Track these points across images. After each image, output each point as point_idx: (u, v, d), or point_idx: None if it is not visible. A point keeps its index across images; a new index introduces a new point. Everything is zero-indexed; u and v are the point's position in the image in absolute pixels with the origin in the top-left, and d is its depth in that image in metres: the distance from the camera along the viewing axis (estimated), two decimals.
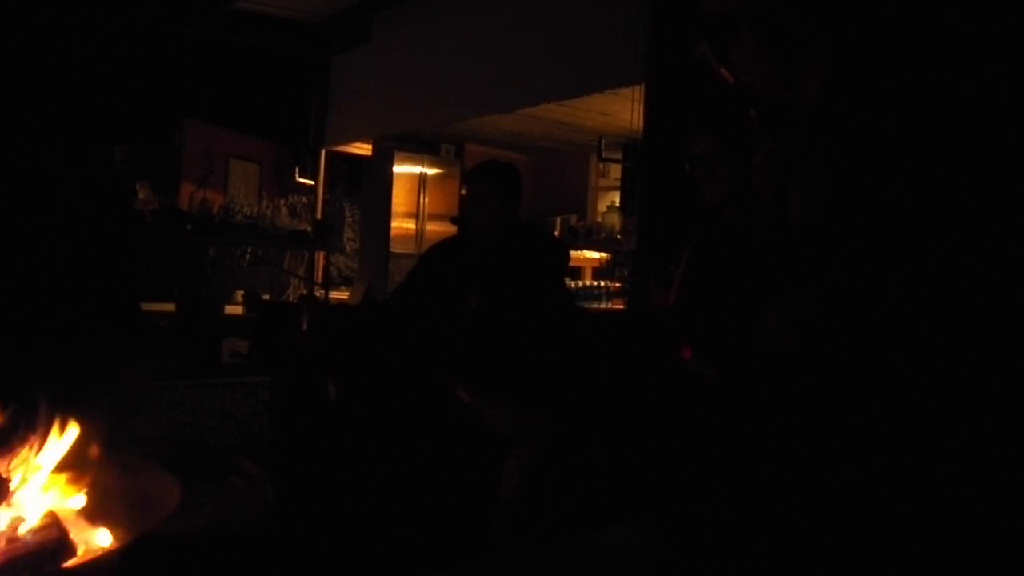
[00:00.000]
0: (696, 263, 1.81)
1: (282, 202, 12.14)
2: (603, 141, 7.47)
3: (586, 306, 5.73)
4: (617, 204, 7.96)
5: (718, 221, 2.02)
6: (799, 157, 0.85)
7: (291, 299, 8.80)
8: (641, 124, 4.28)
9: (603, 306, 6.38)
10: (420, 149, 8.71)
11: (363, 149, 8.91)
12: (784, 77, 0.92)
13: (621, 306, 6.18)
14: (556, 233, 7.22)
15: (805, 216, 0.80)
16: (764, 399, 0.76)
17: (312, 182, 8.47)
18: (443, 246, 2.99)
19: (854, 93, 0.83)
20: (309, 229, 7.17)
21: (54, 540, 1.20)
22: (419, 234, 8.58)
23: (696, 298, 1.68)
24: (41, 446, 1.35)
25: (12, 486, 1.30)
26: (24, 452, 1.32)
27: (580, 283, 7.07)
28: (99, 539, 1.31)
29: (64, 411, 1.38)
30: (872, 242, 0.74)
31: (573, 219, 8.12)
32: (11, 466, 1.30)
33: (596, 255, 7.62)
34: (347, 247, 11.38)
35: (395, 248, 8.44)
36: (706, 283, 1.69)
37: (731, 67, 0.99)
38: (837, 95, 0.85)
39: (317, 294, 6.89)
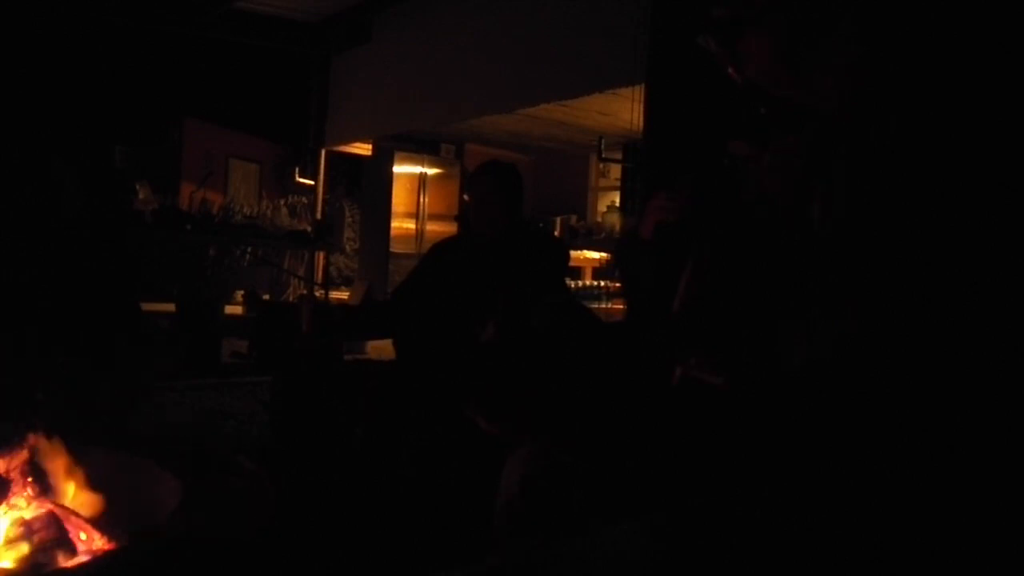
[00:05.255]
0: (704, 267, 1.79)
1: (282, 202, 12.13)
2: (603, 141, 7.47)
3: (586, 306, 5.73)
4: (617, 204, 7.97)
5: (728, 224, 2.01)
6: (825, 157, 0.82)
7: (291, 299, 8.79)
8: (641, 124, 4.28)
9: (603, 306, 6.37)
10: (420, 149, 8.70)
11: (363, 149, 8.90)
12: (794, 75, 0.90)
13: (621, 306, 6.17)
14: (556, 233, 7.22)
15: (828, 221, 0.78)
16: (795, 410, 0.74)
17: (312, 182, 8.46)
18: (445, 245, 2.99)
19: (876, 100, 0.81)
20: (309, 229, 7.17)
21: (54, 540, 1.20)
22: (419, 234, 8.58)
23: (705, 303, 1.67)
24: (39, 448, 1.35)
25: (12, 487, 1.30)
26: (24, 453, 1.32)
27: (580, 283, 7.08)
28: (99, 539, 1.31)
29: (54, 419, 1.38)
30: (909, 255, 0.72)
31: (573, 219, 8.12)
32: (11, 466, 1.30)
33: (596, 255, 7.62)
34: (347, 247, 11.38)
35: (395, 248, 8.44)
36: (716, 287, 1.68)
37: (738, 64, 0.95)
38: (858, 101, 0.82)
39: (317, 294, 6.89)
